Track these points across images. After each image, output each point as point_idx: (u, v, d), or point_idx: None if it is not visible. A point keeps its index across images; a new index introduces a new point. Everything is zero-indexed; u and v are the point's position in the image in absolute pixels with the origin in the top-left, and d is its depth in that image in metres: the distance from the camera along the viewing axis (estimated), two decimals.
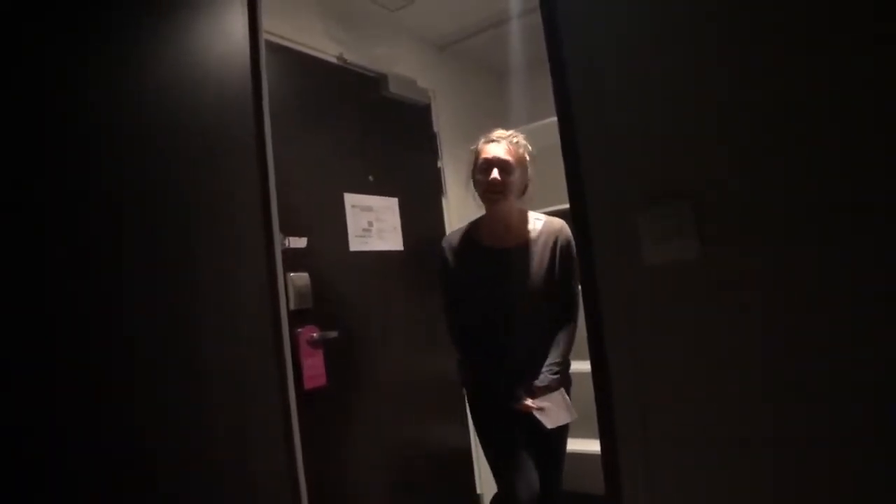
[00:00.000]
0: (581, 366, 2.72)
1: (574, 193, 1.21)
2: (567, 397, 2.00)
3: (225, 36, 1.67)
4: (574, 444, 2.79)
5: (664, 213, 1.09)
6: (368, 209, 2.56)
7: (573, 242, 2.04)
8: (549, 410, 1.92)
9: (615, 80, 1.17)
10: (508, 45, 3.13)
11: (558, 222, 2.10)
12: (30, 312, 1.16)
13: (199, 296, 1.48)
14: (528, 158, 2.09)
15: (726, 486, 1.05)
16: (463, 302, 2.10)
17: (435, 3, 2.74)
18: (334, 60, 2.51)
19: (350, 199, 2.47)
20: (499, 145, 2.04)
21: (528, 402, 1.93)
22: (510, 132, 2.10)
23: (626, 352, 1.15)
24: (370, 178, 2.58)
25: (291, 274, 2.10)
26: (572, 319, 2.05)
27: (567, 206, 1.24)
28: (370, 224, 2.55)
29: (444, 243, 2.18)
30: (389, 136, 2.73)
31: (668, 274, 1.10)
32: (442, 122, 3.05)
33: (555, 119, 1.25)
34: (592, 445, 2.67)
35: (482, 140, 2.11)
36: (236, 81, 1.68)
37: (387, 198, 2.66)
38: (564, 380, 2.05)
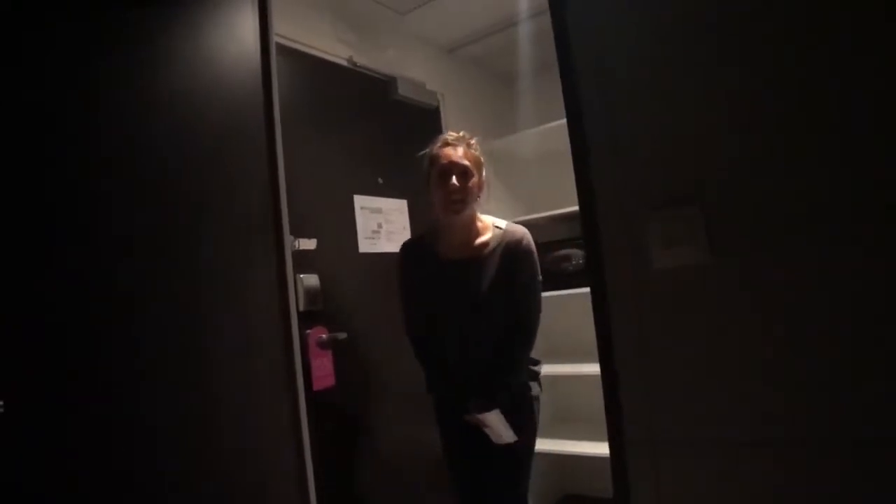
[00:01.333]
0: (589, 368, 2.73)
1: (584, 196, 1.21)
2: (503, 418, 1.85)
3: (236, 39, 1.69)
4: (582, 447, 2.80)
5: (674, 218, 1.09)
6: (378, 211, 2.56)
7: (534, 254, 1.97)
8: (494, 428, 1.84)
9: (625, 84, 1.17)
10: (517, 48, 3.13)
11: (520, 231, 1.99)
12: (36, 309, 1.17)
13: (209, 297, 1.50)
14: (482, 161, 1.99)
15: (737, 490, 1.05)
16: (419, 311, 2.05)
17: (444, 6, 2.75)
18: (344, 63, 2.52)
19: (359, 200, 2.48)
20: (455, 149, 1.93)
21: (477, 416, 1.84)
22: (461, 133, 2.00)
23: (636, 356, 1.15)
24: (379, 180, 2.59)
25: (301, 275, 2.11)
26: (527, 336, 1.94)
27: (576, 208, 1.24)
28: (379, 226, 2.56)
29: (402, 250, 2.11)
30: (398, 139, 2.74)
31: (678, 278, 1.10)
32: (451, 125, 3.04)
33: (564, 121, 1.25)
34: (601, 448, 2.68)
35: (437, 144, 1.99)
36: (247, 83, 1.69)
37: (396, 200, 2.66)
38: (521, 397, 1.95)
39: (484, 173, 1.99)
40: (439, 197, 1.94)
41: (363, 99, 2.59)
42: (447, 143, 1.96)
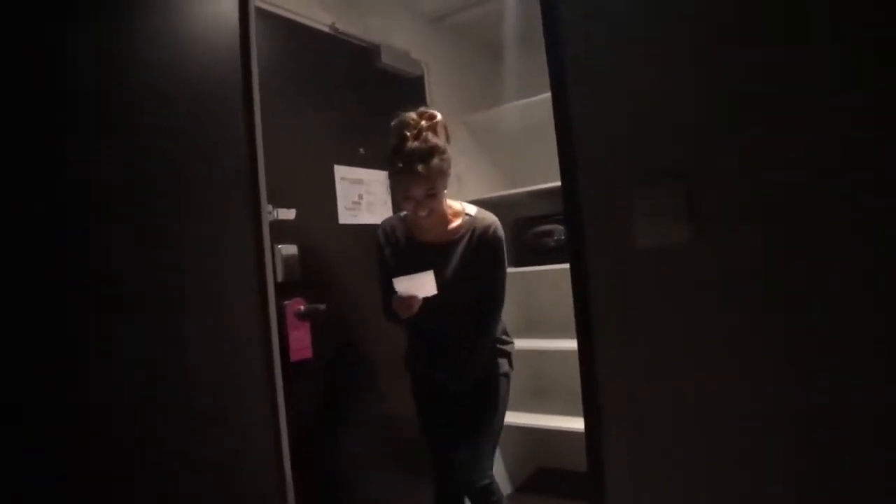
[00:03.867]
0: (568, 343, 2.75)
1: (566, 171, 1.20)
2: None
3: (214, 1, 1.63)
4: (557, 422, 2.84)
5: (657, 194, 1.08)
6: (358, 182, 2.53)
7: (502, 242, 1.99)
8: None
9: (612, 58, 1.15)
10: (504, 19, 3.08)
11: (489, 219, 2.00)
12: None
13: (184, 266, 1.46)
14: (447, 150, 1.88)
15: (713, 468, 1.06)
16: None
17: None
18: (327, 29, 2.46)
19: (340, 171, 2.44)
20: (420, 150, 1.81)
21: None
22: (424, 115, 1.90)
23: (614, 334, 1.15)
24: (361, 150, 2.55)
25: (279, 245, 2.08)
26: (490, 318, 2.01)
27: (559, 183, 1.22)
28: (360, 197, 2.53)
29: (380, 228, 2.12)
30: (381, 108, 2.67)
31: (660, 256, 1.09)
32: (435, 95, 3.00)
33: (548, 95, 1.22)
34: (575, 423, 2.71)
35: (400, 134, 1.85)
36: (225, 48, 1.64)
37: (377, 171, 2.63)
38: (488, 373, 2.06)
39: (449, 162, 1.88)
40: (403, 201, 1.90)
41: (346, 66, 2.53)
42: (414, 137, 1.83)
